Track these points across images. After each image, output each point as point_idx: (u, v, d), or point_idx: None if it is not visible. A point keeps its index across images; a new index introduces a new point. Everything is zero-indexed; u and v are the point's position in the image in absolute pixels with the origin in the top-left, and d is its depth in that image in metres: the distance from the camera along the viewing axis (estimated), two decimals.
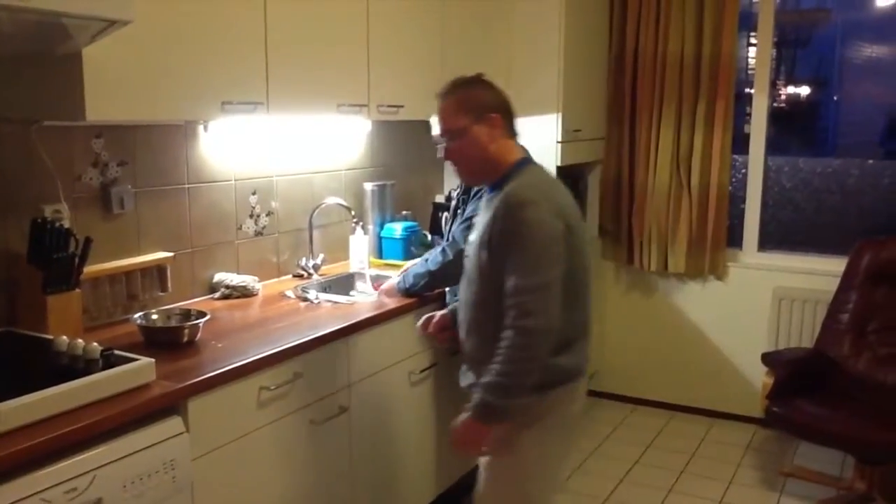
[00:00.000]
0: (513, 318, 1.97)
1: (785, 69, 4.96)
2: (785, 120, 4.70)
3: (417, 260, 2.97)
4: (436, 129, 2.26)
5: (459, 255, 2.75)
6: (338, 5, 2.83)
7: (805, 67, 5.12)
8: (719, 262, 4.29)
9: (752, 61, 4.31)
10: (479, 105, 2.11)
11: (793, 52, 5.10)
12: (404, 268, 3.01)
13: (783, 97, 5.42)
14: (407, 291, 2.87)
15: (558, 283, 1.98)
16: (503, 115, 2.13)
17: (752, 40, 4.29)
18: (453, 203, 2.98)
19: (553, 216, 1.99)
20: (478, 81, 2.16)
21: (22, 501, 1.56)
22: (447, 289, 2.93)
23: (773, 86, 4.57)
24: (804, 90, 5.10)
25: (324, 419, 2.44)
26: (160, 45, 2.16)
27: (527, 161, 2.17)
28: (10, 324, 2.19)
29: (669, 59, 4.20)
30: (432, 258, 2.83)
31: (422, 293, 2.88)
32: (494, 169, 2.13)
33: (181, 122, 2.66)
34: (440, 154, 2.30)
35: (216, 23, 2.33)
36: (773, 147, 4.29)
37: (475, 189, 2.81)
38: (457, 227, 2.81)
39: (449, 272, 2.78)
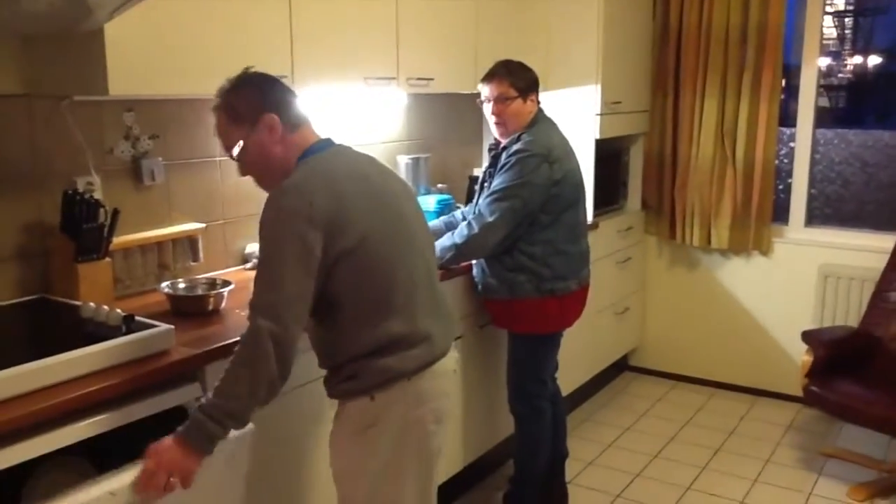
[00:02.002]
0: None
1: (862, 38, 4.79)
2: (855, 91, 4.55)
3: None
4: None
5: (485, 228, 2.76)
6: None
7: (883, 37, 4.93)
8: (764, 238, 4.19)
9: (825, 31, 4.16)
10: (249, 110, 1.87)
11: (870, 22, 4.92)
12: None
13: (850, 67, 5.24)
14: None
15: (298, 286, 1.74)
16: (278, 109, 1.88)
17: (827, 8, 4.15)
18: (480, 176, 2.98)
19: (307, 205, 1.74)
20: (243, 82, 1.91)
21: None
22: (474, 262, 2.94)
23: (839, 56, 4.43)
24: (876, 60, 4.93)
25: None
26: (181, 20, 2.20)
27: (315, 150, 1.92)
28: (45, 291, 2.30)
29: (715, 29, 4.10)
30: (458, 231, 2.84)
31: (448, 266, 2.89)
32: (288, 171, 1.88)
33: (211, 95, 2.71)
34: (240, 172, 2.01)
35: None
36: (842, 120, 4.16)
37: (502, 162, 2.81)
38: (483, 201, 2.81)
39: (475, 245, 2.79)
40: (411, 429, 1.90)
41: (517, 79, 2.84)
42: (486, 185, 2.89)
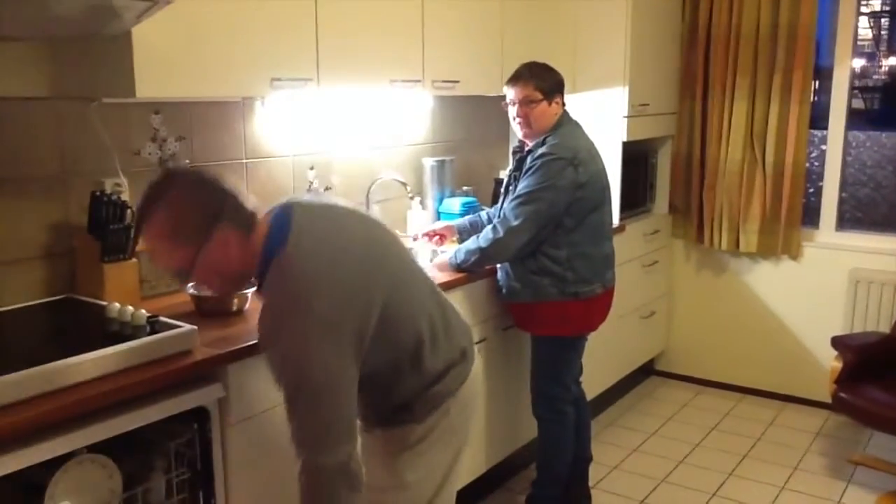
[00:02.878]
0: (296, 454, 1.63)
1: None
2: (890, 92, 4.47)
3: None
4: None
5: (509, 232, 2.75)
6: None
7: None
8: (793, 242, 4.14)
9: (861, 31, 4.10)
10: (194, 228, 1.59)
11: None
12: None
13: (885, 69, 5.16)
14: (458, 267, 2.89)
15: (350, 402, 1.63)
16: (230, 217, 1.61)
17: (863, 9, 4.08)
18: (505, 180, 2.97)
19: (335, 313, 1.59)
20: (177, 191, 1.59)
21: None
22: (498, 265, 2.94)
23: (874, 57, 4.36)
24: None
25: None
26: (208, 23, 2.22)
27: (278, 234, 1.64)
28: (72, 290, 2.33)
29: (744, 30, 4.05)
30: (483, 235, 2.83)
31: (473, 269, 2.89)
32: (250, 273, 1.69)
33: (237, 98, 2.73)
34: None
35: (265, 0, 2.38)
36: (876, 121, 4.09)
37: (527, 166, 2.80)
38: (508, 204, 2.80)
39: (499, 249, 2.79)
40: (454, 434, 1.92)
41: (542, 81, 2.82)
42: (510, 188, 2.88)
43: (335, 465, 1.60)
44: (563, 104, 2.90)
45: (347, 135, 3.24)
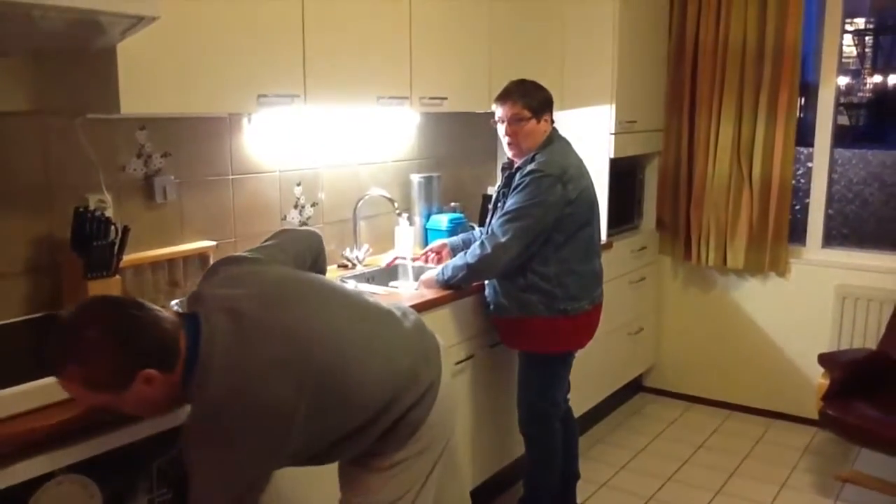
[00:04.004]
0: None
1: (882, 57, 4.76)
2: (876, 110, 4.51)
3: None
4: None
5: (497, 248, 2.75)
6: None
7: None
8: (780, 258, 4.15)
9: (846, 49, 4.14)
10: (113, 377, 1.52)
11: (891, 40, 4.89)
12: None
13: (869, 86, 5.20)
14: (446, 283, 2.88)
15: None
16: (152, 360, 1.54)
17: (848, 27, 4.12)
18: (494, 196, 2.97)
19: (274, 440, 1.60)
20: (91, 341, 1.50)
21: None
22: (486, 282, 2.93)
23: (859, 74, 4.39)
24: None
25: None
26: (193, 40, 2.22)
27: (196, 351, 1.59)
28: (54, 307, 2.30)
29: (731, 48, 4.08)
30: (471, 251, 2.83)
31: (461, 285, 2.88)
32: (179, 397, 1.64)
33: (224, 114, 2.73)
34: None
35: (252, 15, 2.38)
36: (862, 138, 4.12)
37: (516, 183, 2.80)
38: (496, 221, 2.80)
39: (487, 265, 2.78)
40: (429, 450, 1.91)
41: (531, 99, 2.83)
42: (499, 204, 2.88)
43: None
44: (552, 121, 2.91)
45: (335, 151, 3.24)
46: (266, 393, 1.58)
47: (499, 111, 2.87)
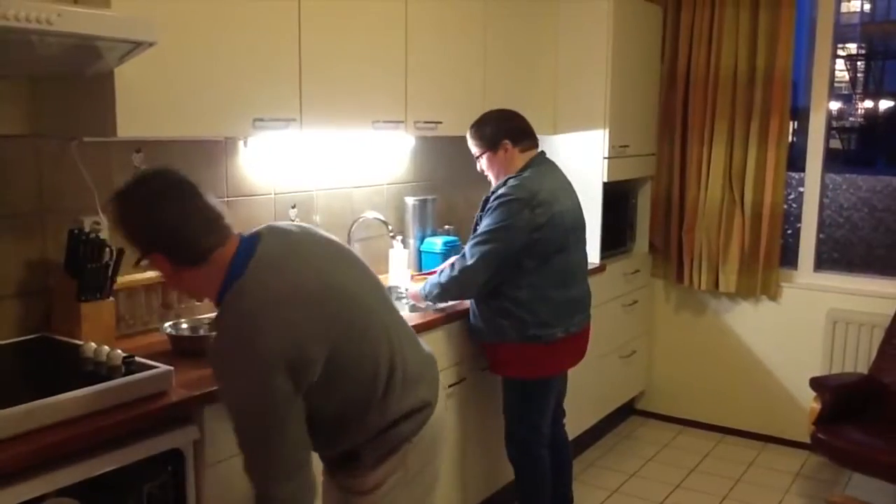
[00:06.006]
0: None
1: (873, 81, 4.82)
2: (866, 134, 4.56)
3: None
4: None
5: (464, 271, 2.77)
6: (375, 21, 2.87)
7: (894, 81, 4.96)
8: (772, 282, 4.17)
9: (838, 73, 4.18)
10: (140, 242, 1.69)
11: (881, 65, 4.96)
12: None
13: (861, 111, 5.26)
14: (426, 298, 2.91)
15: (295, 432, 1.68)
16: (164, 246, 1.68)
17: (840, 52, 4.17)
18: (475, 220, 2.98)
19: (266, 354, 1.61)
20: (130, 202, 1.70)
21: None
22: (469, 304, 2.94)
23: (850, 99, 4.44)
24: (888, 104, 4.95)
25: None
26: (190, 64, 2.24)
27: (238, 266, 1.68)
28: (46, 329, 2.30)
29: (722, 74, 4.13)
30: (445, 271, 2.86)
31: (436, 303, 2.91)
32: (207, 294, 1.77)
33: (220, 138, 2.74)
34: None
35: (248, 41, 2.40)
36: (853, 162, 4.16)
37: (488, 206, 2.83)
38: (468, 244, 2.83)
39: (455, 286, 2.83)
40: (414, 481, 1.88)
41: (477, 138, 2.93)
42: (476, 228, 2.90)
43: (286, 495, 1.65)
44: (524, 147, 2.89)
45: (329, 173, 3.25)
46: (294, 316, 1.63)
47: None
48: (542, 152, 2.95)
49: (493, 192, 2.85)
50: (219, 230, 1.70)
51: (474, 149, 2.94)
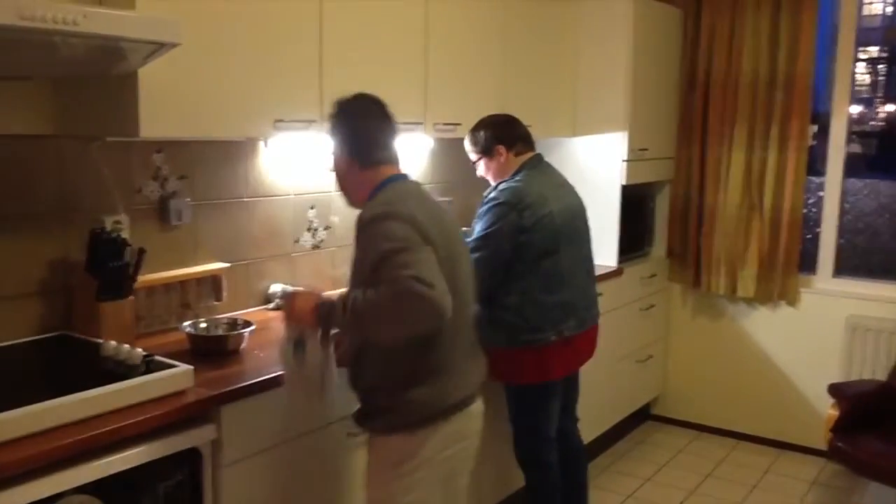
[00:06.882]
0: None
1: (895, 85, 4.77)
2: (888, 139, 4.52)
3: None
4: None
5: None
6: (395, 24, 2.88)
7: None
8: (791, 288, 4.14)
9: (859, 77, 4.15)
10: (338, 140, 2.18)
11: None
12: None
13: (882, 115, 5.21)
14: None
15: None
16: (353, 148, 2.14)
17: (861, 56, 4.13)
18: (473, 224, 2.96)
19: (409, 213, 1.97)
20: (345, 112, 2.20)
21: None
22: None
23: (871, 103, 4.40)
24: None
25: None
26: (213, 65, 2.25)
27: (391, 181, 2.14)
28: (67, 328, 2.32)
29: (743, 78, 4.10)
30: None
31: None
32: (359, 195, 2.18)
33: (241, 138, 2.75)
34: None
35: (271, 42, 2.41)
36: (874, 167, 4.12)
37: (479, 211, 2.83)
38: None
39: None
40: (443, 466, 2.03)
41: (473, 143, 2.93)
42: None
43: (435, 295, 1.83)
44: (518, 151, 2.87)
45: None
46: (413, 219, 1.95)
47: None
48: (538, 155, 2.92)
49: (484, 197, 2.85)
50: (389, 151, 2.14)
51: (471, 154, 2.95)
